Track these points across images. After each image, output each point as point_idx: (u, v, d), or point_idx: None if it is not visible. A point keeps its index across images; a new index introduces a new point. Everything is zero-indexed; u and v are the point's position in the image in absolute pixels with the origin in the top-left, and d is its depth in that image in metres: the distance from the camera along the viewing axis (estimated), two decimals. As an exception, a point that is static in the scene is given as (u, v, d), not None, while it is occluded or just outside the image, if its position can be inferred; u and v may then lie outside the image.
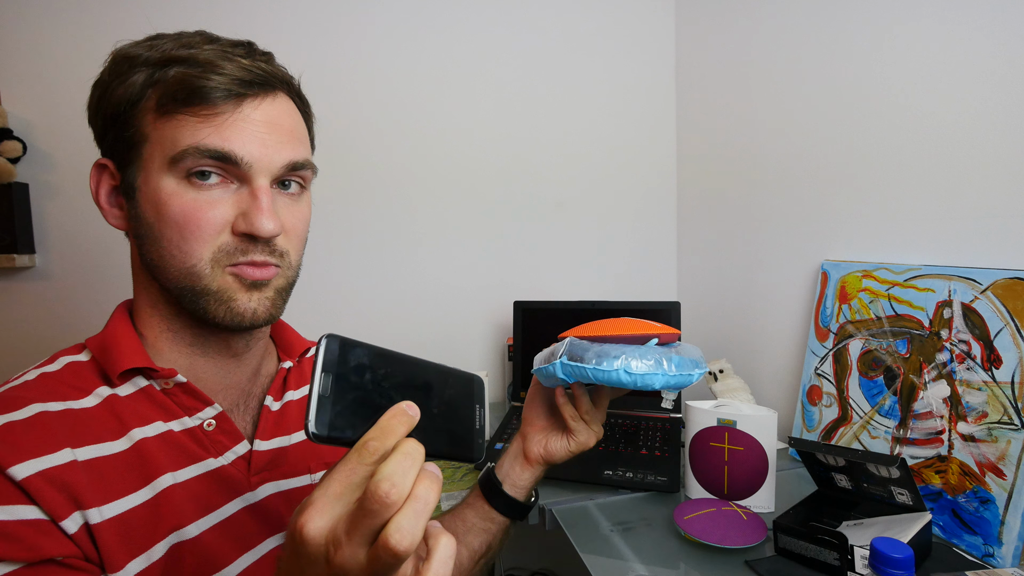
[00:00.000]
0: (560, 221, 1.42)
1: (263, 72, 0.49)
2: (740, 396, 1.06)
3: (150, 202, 0.47)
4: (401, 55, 1.28)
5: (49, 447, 0.42)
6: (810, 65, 1.03)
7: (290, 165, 0.50)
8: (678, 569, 0.68)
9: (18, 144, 1.06)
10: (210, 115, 0.46)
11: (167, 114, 0.46)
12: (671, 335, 0.58)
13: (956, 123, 0.79)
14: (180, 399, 0.50)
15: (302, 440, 0.58)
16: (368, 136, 1.27)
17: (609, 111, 1.43)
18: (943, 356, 0.76)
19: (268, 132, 0.48)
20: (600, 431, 0.65)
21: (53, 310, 1.11)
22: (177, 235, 0.47)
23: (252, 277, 0.49)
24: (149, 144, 0.47)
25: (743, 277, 1.23)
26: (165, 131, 0.46)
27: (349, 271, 1.29)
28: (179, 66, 0.46)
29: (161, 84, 0.46)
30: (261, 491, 0.53)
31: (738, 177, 1.24)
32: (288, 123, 0.51)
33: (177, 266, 0.47)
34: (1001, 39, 0.73)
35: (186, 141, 0.46)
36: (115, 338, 0.50)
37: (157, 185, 0.47)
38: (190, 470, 0.49)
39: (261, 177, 0.48)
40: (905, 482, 0.65)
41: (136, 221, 0.49)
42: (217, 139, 0.46)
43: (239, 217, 0.48)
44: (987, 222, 0.76)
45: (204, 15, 1.14)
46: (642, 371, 0.53)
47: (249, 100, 0.48)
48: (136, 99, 0.47)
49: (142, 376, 0.50)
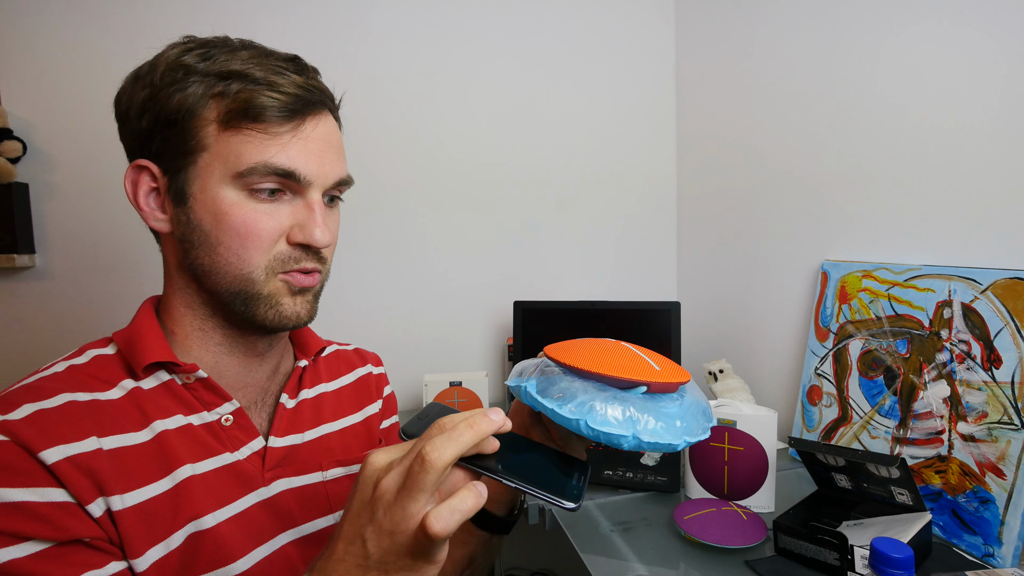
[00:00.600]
0: (560, 221, 1.42)
1: (318, 91, 0.52)
2: (740, 396, 1.06)
3: (208, 210, 0.50)
4: (401, 58, 1.28)
5: (78, 434, 0.44)
6: (810, 65, 1.03)
7: (339, 181, 0.54)
8: (678, 569, 0.68)
9: (18, 144, 1.06)
10: (277, 133, 0.49)
11: (233, 128, 0.49)
12: (668, 385, 0.47)
13: (956, 123, 0.79)
14: (200, 394, 0.52)
15: (315, 438, 0.60)
16: (370, 138, 1.27)
17: (609, 111, 1.43)
18: (943, 356, 0.76)
19: (324, 150, 0.52)
20: (581, 456, 0.57)
21: (53, 310, 1.11)
22: (237, 243, 0.50)
23: (301, 284, 0.53)
24: (209, 154, 0.49)
25: (743, 277, 1.23)
26: (230, 144, 0.49)
27: (349, 271, 1.29)
28: (239, 80, 0.49)
29: (225, 98, 0.49)
30: (274, 487, 0.54)
31: (738, 177, 1.24)
32: (336, 141, 0.55)
33: (233, 272, 0.50)
34: (1001, 39, 0.73)
35: (254, 158, 0.48)
36: (141, 333, 0.52)
37: (216, 195, 0.49)
38: (208, 463, 0.51)
39: (316, 191, 0.52)
40: (905, 482, 0.65)
41: (187, 227, 0.51)
42: (284, 158, 0.49)
43: (295, 228, 0.51)
44: (987, 222, 0.76)
45: (208, 17, 1.14)
46: (605, 428, 0.42)
47: (310, 119, 0.51)
48: (195, 108, 0.49)
49: (165, 371, 0.52)
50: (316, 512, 0.57)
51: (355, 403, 0.66)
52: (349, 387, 0.67)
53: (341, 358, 0.69)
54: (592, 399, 0.43)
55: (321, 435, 0.60)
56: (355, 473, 0.60)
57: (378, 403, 0.69)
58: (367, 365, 0.71)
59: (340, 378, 0.67)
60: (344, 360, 0.69)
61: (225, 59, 0.49)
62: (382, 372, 0.73)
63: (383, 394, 0.71)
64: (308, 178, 0.51)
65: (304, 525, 0.56)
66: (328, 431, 0.61)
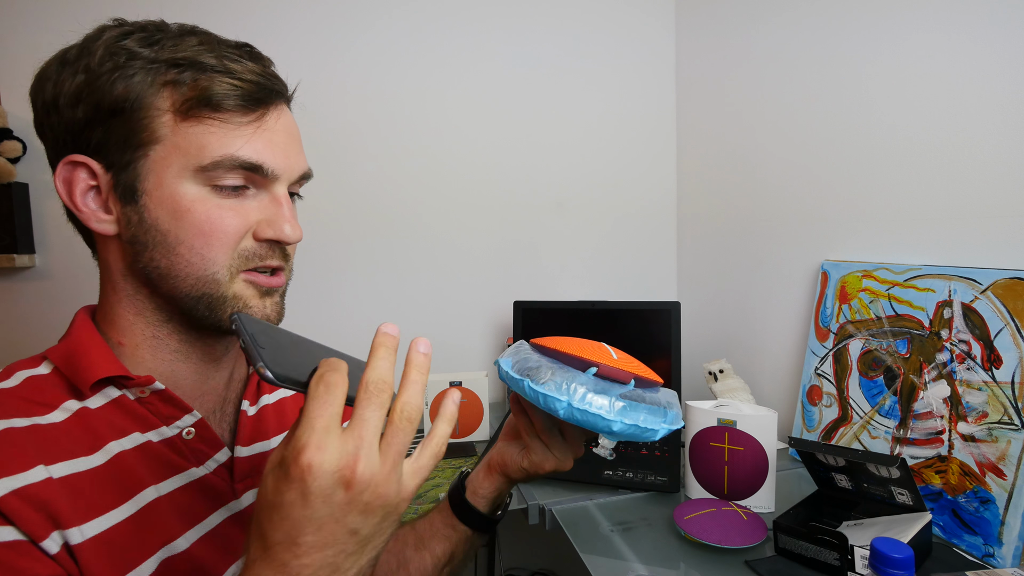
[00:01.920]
0: (560, 221, 1.42)
1: (277, 80, 0.50)
2: (740, 396, 1.06)
3: (165, 208, 0.46)
4: (402, 61, 1.28)
5: (21, 465, 0.39)
6: (810, 64, 1.03)
7: (303, 175, 0.52)
8: (678, 569, 0.68)
9: (18, 144, 1.06)
10: (240, 124, 0.46)
11: (192, 117, 0.45)
12: (619, 372, 0.50)
13: (956, 123, 0.79)
14: (157, 407, 0.48)
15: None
16: (371, 138, 1.27)
17: (609, 111, 1.43)
18: (943, 356, 0.76)
19: (288, 143, 0.50)
20: (561, 461, 0.58)
21: (53, 310, 1.11)
22: (200, 242, 0.46)
23: (269, 285, 0.50)
24: (163, 146, 0.45)
25: (743, 277, 1.23)
26: (190, 136, 0.45)
27: (349, 271, 1.29)
28: (193, 69, 0.45)
29: (180, 86, 0.45)
30: (245, 499, 0.52)
31: (738, 177, 1.24)
32: (297, 133, 0.53)
33: (196, 274, 0.47)
34: (1000, 39, 0.73)
35: (219, 151, 0.45)
36: (83, 347, 0.47)
37: (175, 190, 0.46)
38: (173, 481, 0.47)
39: (282, 185, 0.50)
40: (905, 482, 0.65)
41: (139, 227, 0.46)
42: (250, 151, 0.47)
43: (263, 223, 0.49)
44: (987, 222, 0.76)
45: (212, 21, 1.14)
46: (543, 390, 0.47)
47: (272, 110, 0.49)
48: (144, 97, 0.45)
49: (113, 386, 0.47)
50: None
51: None
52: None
53: None
54: (543, 367, 0.48)
55: None
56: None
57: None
58: None
59: None
60: None
61: (173, 44, 0.45)
62: None
63: None
64: (275, 171, 0.48)
65: None
66: None
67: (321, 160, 1.25)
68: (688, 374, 1.23)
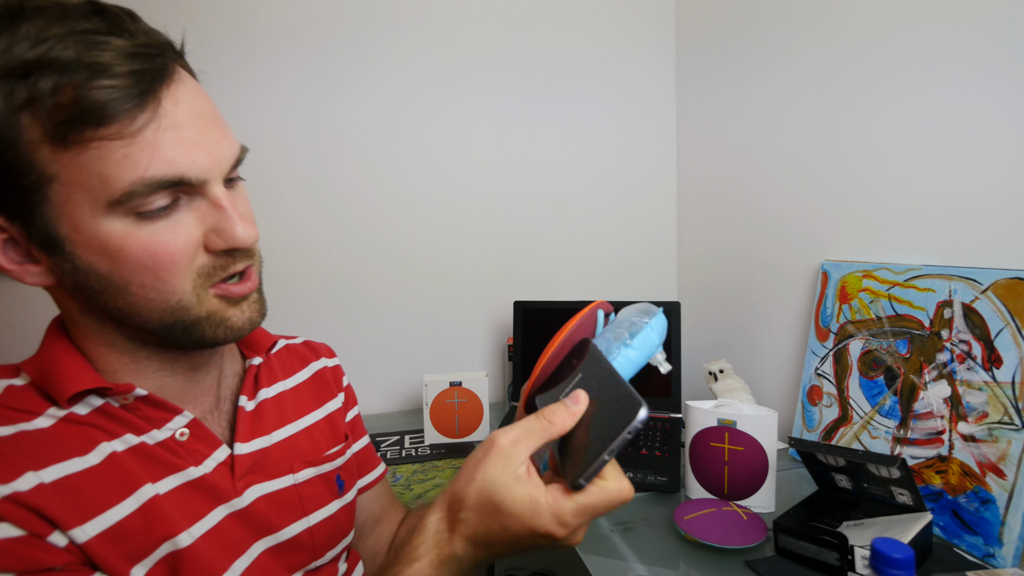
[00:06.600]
0: (561, 221, 1.42)
1: (156, 47, 0.40)
2: (740, 396, 1.06)
3: (96, 251, 0.40)
4: (403, 62, 1.28)
5: (9, 473, 0.37)
6: (810, 63, 1.03)
7: (235, 162, 0.45)
8: (678, 569, 0.68)
9: None
10: (133, 131, 0.38)
11: (73, 144, 0.37)
12: (586, 315, 0.58)
13: (956, 123, 0.79)
14: (144, 412, 0.46)
15: (283, 439, 0.56)
16: (372, 136, 1.27)
17: (609, 111, 1.43)
18: (943, 356, 0.76)
19: (202, 130, 0.42)
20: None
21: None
22: (150, 278, 0.41)
23: (241, 293, 0.47)
24: (60, 184, 0.38)
25: (743, 277, 1.23)
26: (82, 167, 0.37)
27: (350, 271, 1.28)
28: (47, 74, 0.36)
29: (40, 106, 0.36)
30: (247, 495, 0.50)
31: (738, 177, 1.24)
32: (208, 108, 0.43)
33: (159, 307, 0.43)
34: (1000, 39, 0.73)
35: (125, 178, 0.38)
36: (56, 361, 0.44)
37: (98, 231, 0.39)
38: (170, 480, 0.46)
39: (215, 185, 0.43)
40: (905, 482, 0.65)
41: (76, 274, 0.41)
42: (161, 164, 0.39)
43: (210, 234, 0.43)
44: (987, 222, 0.76)
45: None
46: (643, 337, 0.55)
47: (164, 93, 0.39)
48: (7, 133, 0.36)
49: (95, 395, 0.45)
50: (291, 517, 0.53)
51: (315, 399, 0.63)
52: (307, 383, 0.63)
53: (293, 353, 0.65)
54: (622, 327, 0.56)
55: (289, 435, 0.57)
56: (328, 472, 0.59)
57: (339, 396, 0.66)
58: (320, 358, 0.67)
59: (296, 374, 0.63)
60: (296, 355, 0.65)
61: (8, 40, 0.36)
62: (337, 364, 0.69)
63: (342, 386, 0.67)
64: (200, 175, 0.41)
65: (280, 532, 0.52)
66: (295, 431, 0.58)
67: (321, 160, 1.25)
68: (688, 374, 1.23)
